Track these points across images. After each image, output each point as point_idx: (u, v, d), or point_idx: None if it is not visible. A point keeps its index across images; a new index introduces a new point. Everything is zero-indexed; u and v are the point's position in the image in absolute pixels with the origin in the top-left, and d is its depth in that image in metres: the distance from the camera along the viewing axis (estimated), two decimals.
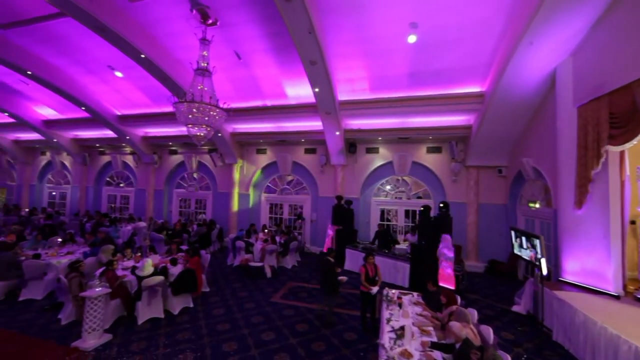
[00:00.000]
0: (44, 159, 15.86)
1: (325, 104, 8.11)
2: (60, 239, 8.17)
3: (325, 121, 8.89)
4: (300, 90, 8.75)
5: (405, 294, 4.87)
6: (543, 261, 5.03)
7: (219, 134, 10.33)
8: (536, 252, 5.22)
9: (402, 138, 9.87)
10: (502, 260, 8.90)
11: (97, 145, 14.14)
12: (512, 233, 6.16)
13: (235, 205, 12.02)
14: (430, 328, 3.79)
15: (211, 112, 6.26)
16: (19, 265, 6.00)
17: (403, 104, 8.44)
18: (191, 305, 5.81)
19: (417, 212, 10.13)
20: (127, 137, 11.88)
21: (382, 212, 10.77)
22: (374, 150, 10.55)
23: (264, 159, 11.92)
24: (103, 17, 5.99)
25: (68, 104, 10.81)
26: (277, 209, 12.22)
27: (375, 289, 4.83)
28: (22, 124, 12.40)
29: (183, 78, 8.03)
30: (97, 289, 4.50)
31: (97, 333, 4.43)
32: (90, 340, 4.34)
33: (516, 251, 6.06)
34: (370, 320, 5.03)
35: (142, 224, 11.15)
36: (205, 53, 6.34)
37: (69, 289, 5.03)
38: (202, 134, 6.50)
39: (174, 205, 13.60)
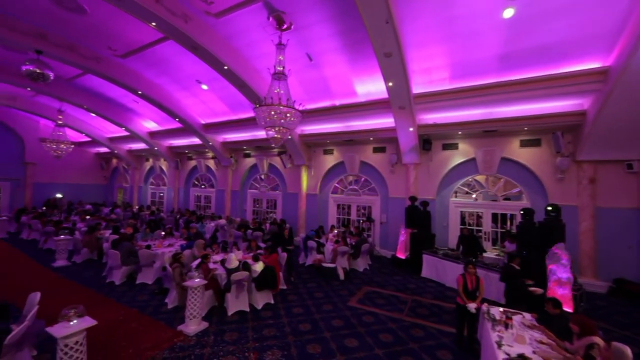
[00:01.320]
0: (147, 165, 19.00)
1: (399, 99, 7.59)
2: (162, 233, 9.52)
3: (398, 117, 8.35)
4: (371, 87, 8.41)
5: (513, 313, 4.09)
6: None
7: (289, 136, 10.67)
8: None
9: (488, 131, 8.62)
10: (634, 280, 6.98)
11: (186, 151, 16.25)
12: None
13: (303, 205, 12.32)
14: None
15: (287, 115, 6.42)
16: (136, 253, 7.13)
17: (491, 91, 7.38)
18: (272, 301, 6.02)
19: (508, 217, 8.79)
20: (210, 143, 13.29)
21: (462, 215, 9.63)
22: (453, 147, 9.51)
23: (331, 160, 11.90)
24: (196, 35, 6.72)
25: (165, 116, 12.67)
26: (344, 209, 12.08)
27: (473, 306, 4.17)
28: (134, 136, 15.03)
29: (258, 84, 8.52)
30: (196, 280, 4.96)
31: (197, 320, 4.88)
32: (192, 326, 4.80)
33: None
34: (467, 339, 4.38)
35: (223, 221, 12.29)
36: (281, 57, 6.55)
37: (173, 277, 5.71)
38: (279, 136, 6.72)
39: (247, 205, 14.71)
